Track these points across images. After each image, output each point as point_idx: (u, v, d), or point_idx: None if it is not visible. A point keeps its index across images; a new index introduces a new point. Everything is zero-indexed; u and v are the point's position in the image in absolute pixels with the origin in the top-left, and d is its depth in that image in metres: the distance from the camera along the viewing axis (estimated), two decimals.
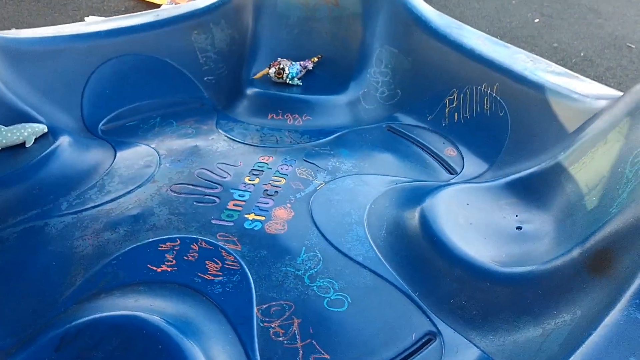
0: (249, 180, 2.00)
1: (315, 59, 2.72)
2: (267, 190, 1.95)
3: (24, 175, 1.96)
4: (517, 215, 1.81)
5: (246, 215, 1.83)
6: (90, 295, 1.55)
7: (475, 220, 1.78)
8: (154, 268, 1.62)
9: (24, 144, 2.09)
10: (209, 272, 1.62)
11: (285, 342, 1.46)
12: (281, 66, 2.59)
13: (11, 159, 2.04)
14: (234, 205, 1.87)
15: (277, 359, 1.43)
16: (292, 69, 2.60)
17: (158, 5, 4.75)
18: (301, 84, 2.63)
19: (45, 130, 2.15)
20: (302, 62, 2.66)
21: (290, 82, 2.61)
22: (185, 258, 1.66)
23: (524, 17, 5.16)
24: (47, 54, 2.51)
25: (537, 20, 5.08)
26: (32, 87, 2.40)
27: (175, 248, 1.69)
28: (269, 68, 2.61)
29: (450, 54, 2.42)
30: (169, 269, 1.62)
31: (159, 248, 1.69)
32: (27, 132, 2.10)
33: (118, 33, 2.68)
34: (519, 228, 1.76)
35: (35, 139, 2.12)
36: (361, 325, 1.53)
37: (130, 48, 2.68)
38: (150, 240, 1.73)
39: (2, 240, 1.78)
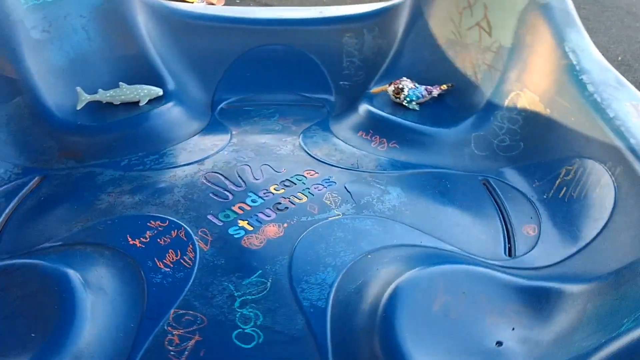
0: (275, 189, 1.93)
1: (445, 87, 2.44)
2: (280, 203, 1.87)
3: (115, 127, 2.25)
4: (513, 329, 1.40)
5: (239, 221, 1.79)
6: (70, 244, 1.73)
7: (456, 317, 1.43)
8: (128, 239, 1.71)
9: (139, 102, 2.39)
10: (163, 261, 1.64)
11: (171, 352, 1.41)
12: (400, 86, 2.40)
13: (121, 112, 2.35)
14: (238, 207, 1.85)
15: None
16: (412, 91, 2.39)
17: None
18: (418, 109, 2.40)
19: (160, 93, 2.42)
20: (428, 87, 2.42)
21: (407, 104, 2.41)
22: (158, 240, 1.71)
23: None
24: (207, 29, 2.79)
25: None
26: (181, 55, 2.71)
27: (159, 228, 1.76)
28: (389, 85, 2.44)
29: (590, 116, 1.93)
30: (137, 245, 1.70)
31: (148, 224, 1.78)
32: (144, 92, 2.40)
33: (277, 22, 2.84)
34: (499, 343, 1.36)
35: (150, 100, 2.41)
36: None
37: (283, 38, 2.81)
38: (148, 214, 1.83)
39: (68, 176, 2.09)
